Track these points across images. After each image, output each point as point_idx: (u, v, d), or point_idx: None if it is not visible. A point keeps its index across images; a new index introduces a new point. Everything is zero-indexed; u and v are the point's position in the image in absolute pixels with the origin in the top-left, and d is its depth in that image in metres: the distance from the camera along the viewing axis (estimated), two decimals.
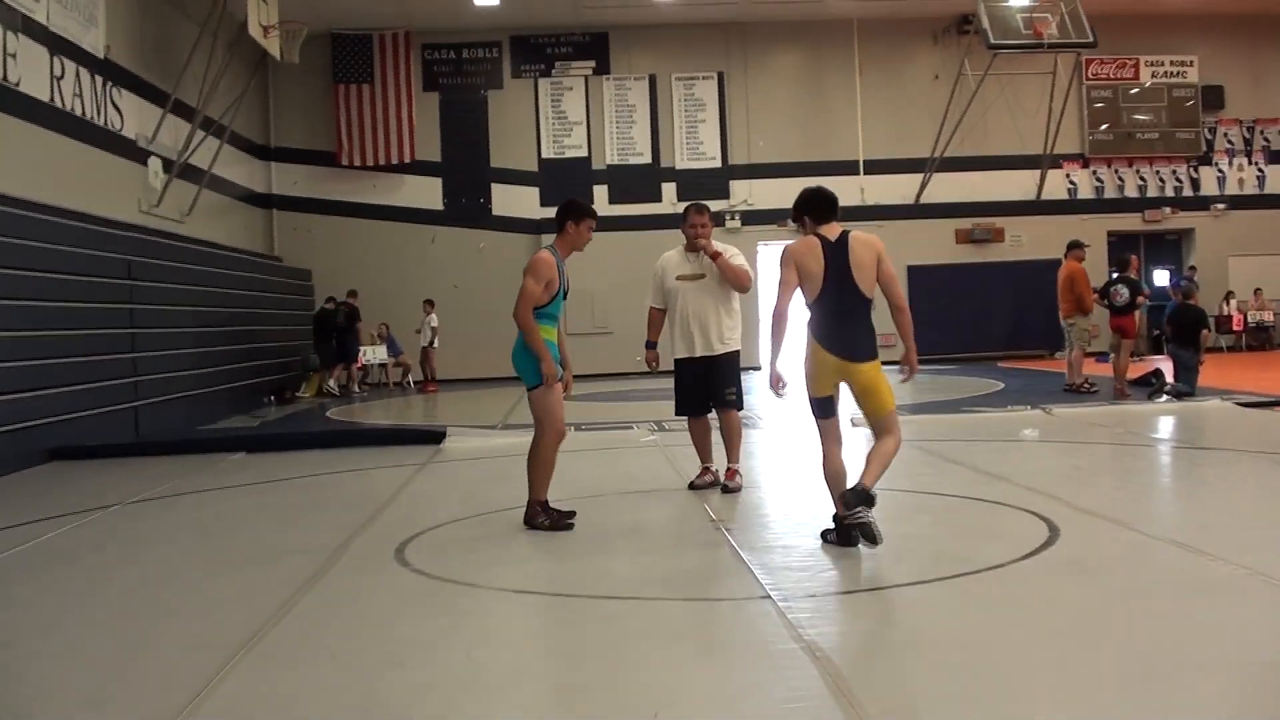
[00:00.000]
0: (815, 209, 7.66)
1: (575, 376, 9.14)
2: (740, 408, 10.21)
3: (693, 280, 10.08)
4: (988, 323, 28.98)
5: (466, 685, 5.04)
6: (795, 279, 7.43)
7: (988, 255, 29.52)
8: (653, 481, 10.71)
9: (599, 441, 14.17)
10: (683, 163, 29.11)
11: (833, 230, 7.53)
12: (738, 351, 10.14)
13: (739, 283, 10.06)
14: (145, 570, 7.76)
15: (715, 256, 9.95)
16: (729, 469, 10.10)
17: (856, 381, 7.41)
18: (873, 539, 7.00)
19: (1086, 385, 17.89)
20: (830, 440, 7.58)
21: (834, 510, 7.46)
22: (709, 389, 10.10)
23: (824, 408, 7.53)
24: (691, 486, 10.17)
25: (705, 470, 10.29)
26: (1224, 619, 5.63)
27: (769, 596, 6.22)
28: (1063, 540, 7.39)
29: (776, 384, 7.73)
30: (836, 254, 7.39)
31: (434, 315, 25.90)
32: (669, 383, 10.49)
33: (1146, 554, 7.02)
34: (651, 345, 10.36)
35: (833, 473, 7.51)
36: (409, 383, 26.20)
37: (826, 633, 5.52)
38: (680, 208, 26.82)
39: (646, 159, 29.04)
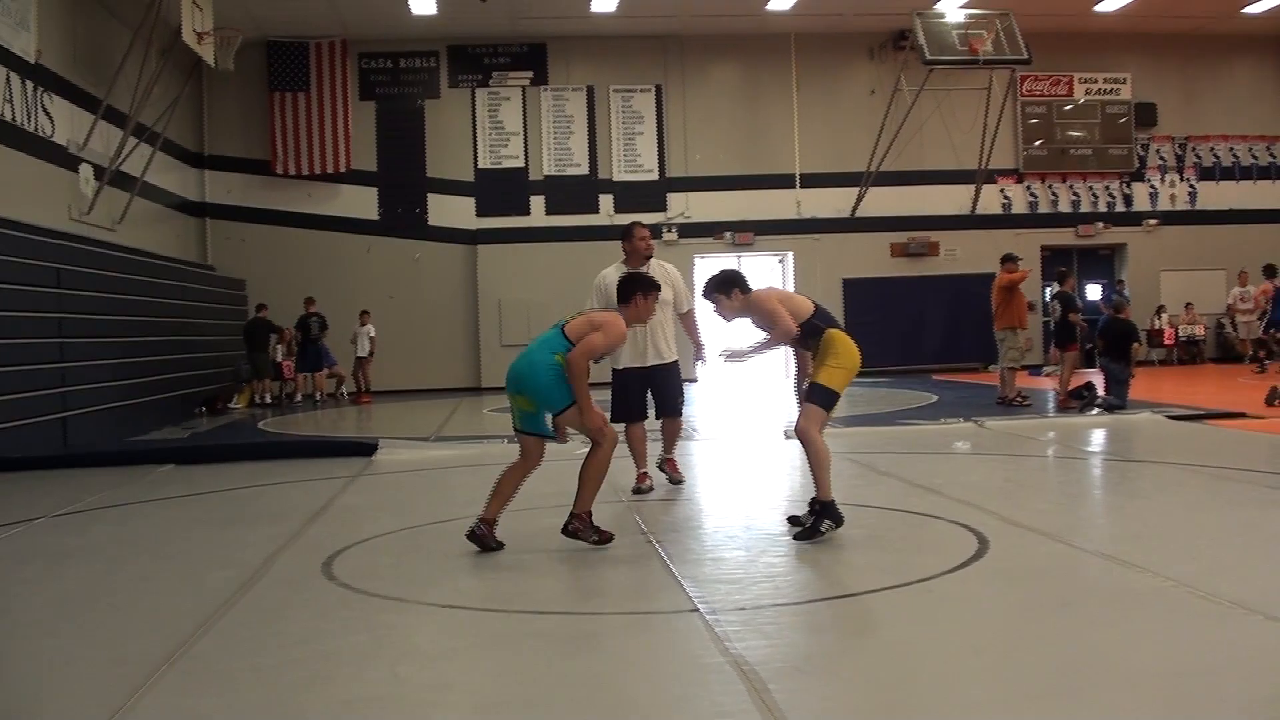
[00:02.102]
0: (744, 281, 8.53)
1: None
2: (681, 414, 10.91)
3: None
4: (922, 336, 29.24)
5: (391, 702, 4.96)
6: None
7: (923, 269, 29.74)
8: None
9: None
10: (620, 174, 29.14)
11: None
12: (678, 361, 10.79)
13: (693, 331, 11.08)
14: (68, 585, 7.60)
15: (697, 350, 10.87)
16: (669, 459, 10.86)
17: None
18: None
19: (1019, 398, 18.05)
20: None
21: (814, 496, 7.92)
22: (657, 396, 10.72)
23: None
24: (636, 491, 10.44)
25: (644, 475, 10.68)
26: (1150, 630, 5.65)
27: (697, 610, 6.19)
28: (992, 552, 7.41)
29: (734, 357, 8.45)
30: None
31: (370, 326, 25.76)
32: (604, 395, 10.43)
33: (1075, 566, 7.05)
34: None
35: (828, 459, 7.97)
36: (343, 394, 26.02)
37: (754, 646, 5.48)
38: (617, 219, 27.12)
39: (584, 170, 29.05)
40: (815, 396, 7.92)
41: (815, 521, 7.81)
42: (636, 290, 8.42)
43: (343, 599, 6.85)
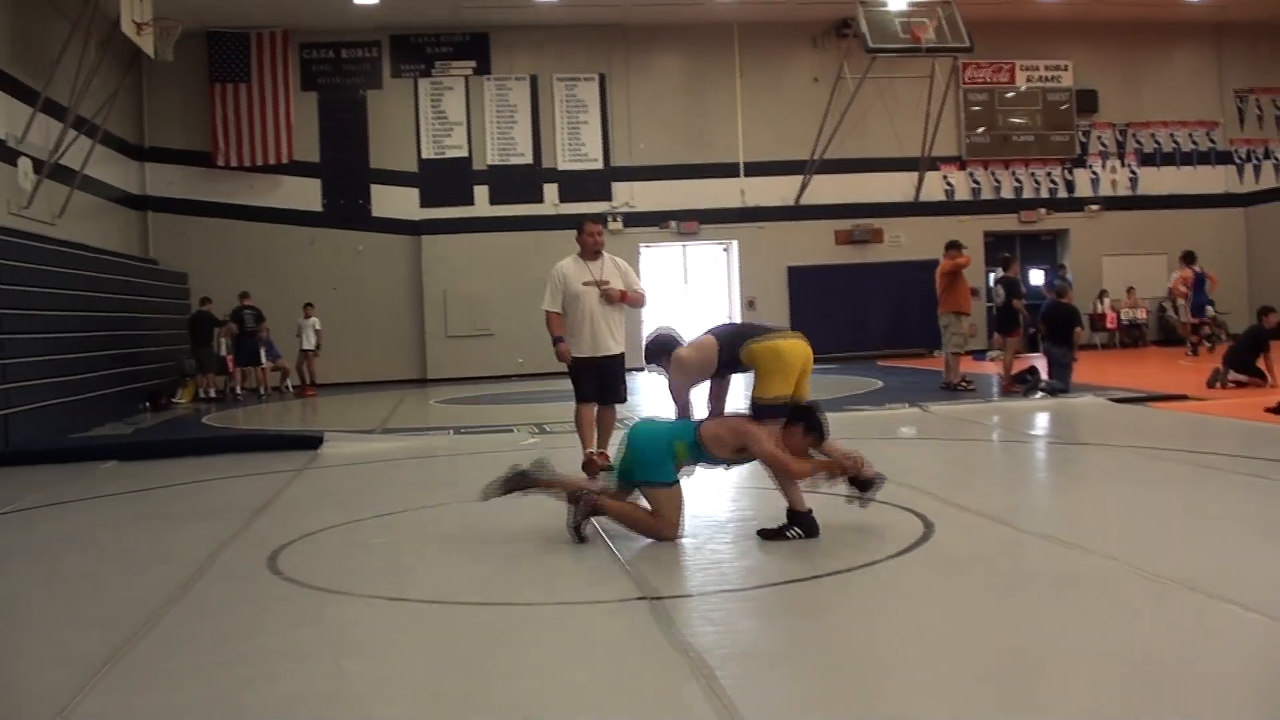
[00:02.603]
0: (673, 343, 8.32)
1: (460, 379, 9.07)
2: (623, 402, 11.47)
3: (596, 286, 11.04)
4: (868, 322, 29.30)
5: (336, 697, 4.95)
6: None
7: (867, 256, 29.84)
8: None
9: (479, 444, 14.09)
10: (564, 164, 29.06)
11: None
12: (624, 354, 11.34)
13: (640, 305, 11.46)
14: (10, 584, 7.55)
15: (624, 297, 11.12)
16: (601, 453, 11.04)
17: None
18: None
19: (964, 383, 18.16)
20: None
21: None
22: (604, 386, 11.16)
23: None
24: (586, 468, 10.72)
25: (592, 455, 11.11)
26: (1094, 611, 5.72)
27: (644, 598, 6.22)
28: (937, 536, 7.48)
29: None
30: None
31: (314, 318, 25.57)
32: (550, 385, 10.52)
33: (1019, 548, 7.11)
34: (561, 339, 11.12)
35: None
36: (287, 387, 25.84)
37: (701, 633, 5.52)
38: (562, 209, 27.10)
39: (528, 159, 28.95)
40: (754, 415, 7.78)
41: (784, 526, 7.67)
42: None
43: (288, 593, 6.82)
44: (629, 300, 11.17)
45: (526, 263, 24.91)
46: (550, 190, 28.92)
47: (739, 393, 8.46)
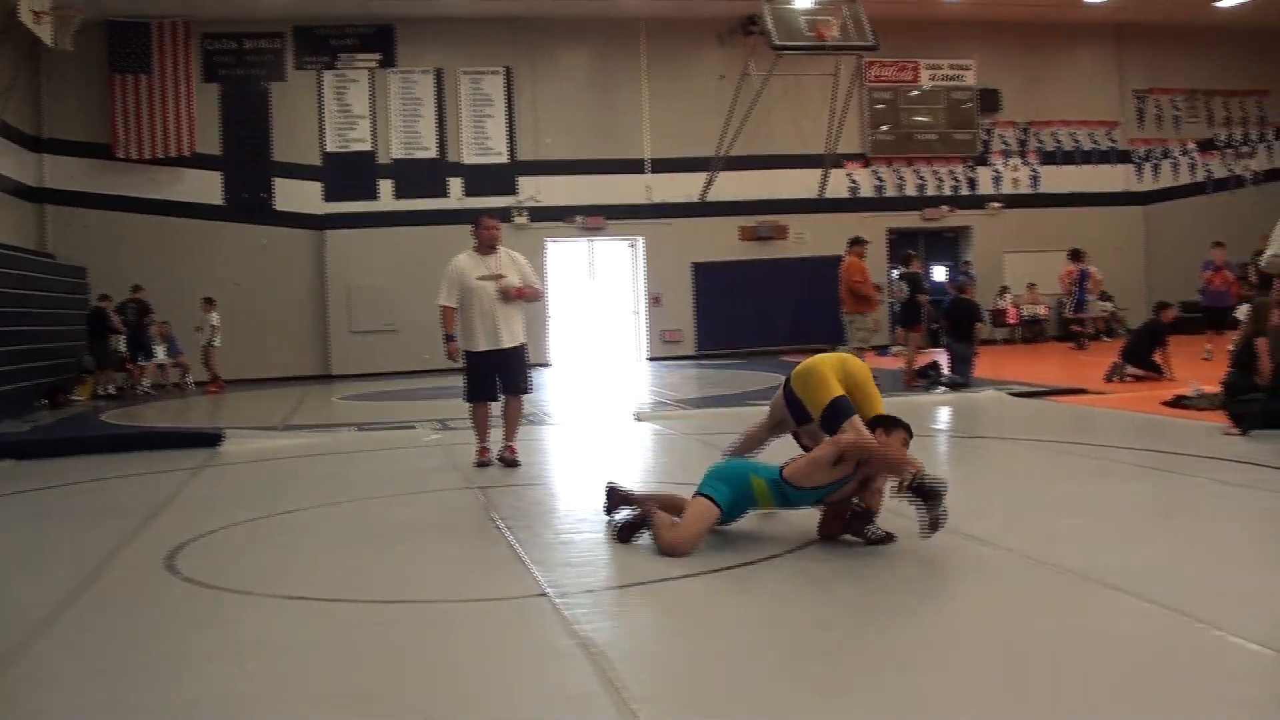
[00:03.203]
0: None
1: (365, 375, 9.03)
2: (528, 393, 11.60)
3: (492, 280, 11.09)
4: (773, 318, 29.45)
5: (238, 699, 4.91)
6: None
7: (772, 252, 29.98)
8: (434, 481, 10.62)
9: (382, 442, 14.03)
10: (469, 158, 28.92)
11: None
12: (526, 345, 11.45)
13: (536, 300, 11.73)
14: None
15: (519, 293, 11.23)
16: (509, 446, 11.33)
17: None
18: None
19: None
20: None
21: None
22: (505, 378, 11.29)
23: None
24: (479, 465, 11.20)
25: (485, 450, 11.43)
26: (995, 602, 5.84)
27: (546, 594, 6.24)
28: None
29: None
30: None
31: (214, 314, 25.17)
32: (455, 381, 10.50)
33: (917, 541, 7.14)
34: (452, 339, 11.16)
35: None
36: (189, 383, 25.50)
37: (602, 628, 5.55)
38: (467, 203, 27.05)
39: (432, 153, 28.76)
40: (827, 427, 7.65)
41: (869, 527, 7.24)
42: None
43: (188, 594, 6.75)
44: (525, 295, 11.25)
45: (431, 257, 24.37)
46: (455, 184, 28.76)
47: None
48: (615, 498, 7.82)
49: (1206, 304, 21.81)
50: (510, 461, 11.19)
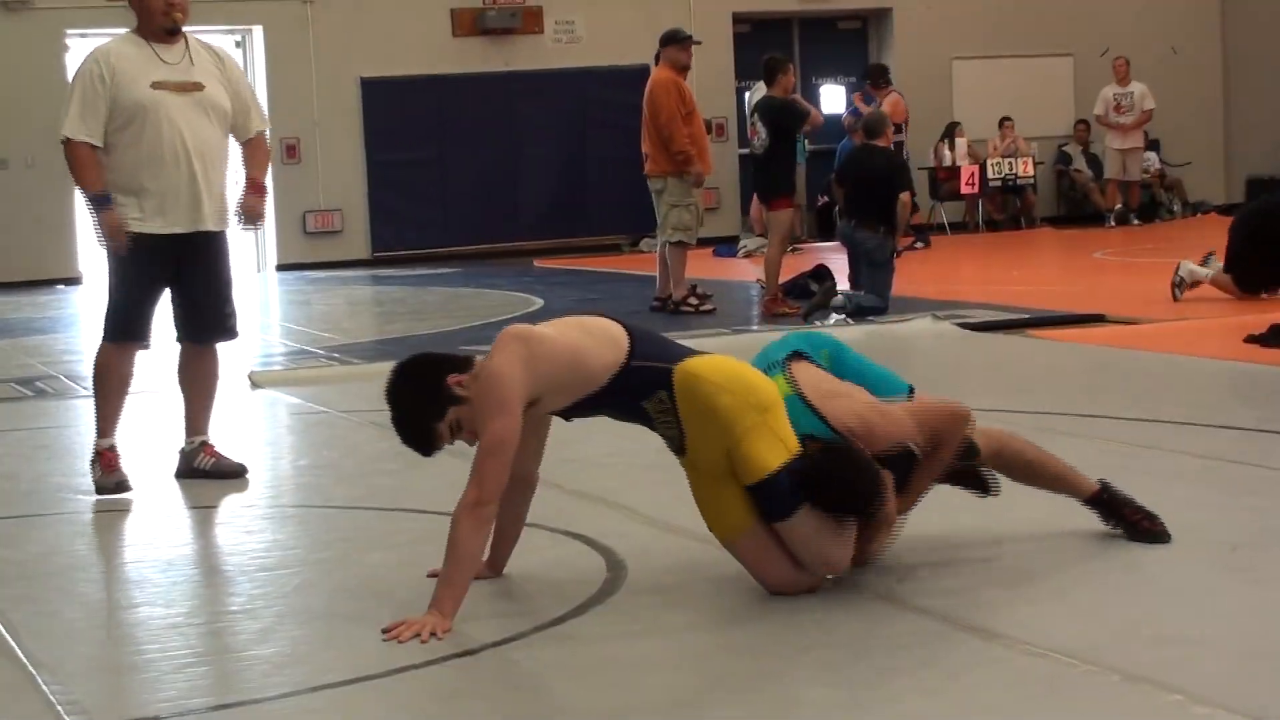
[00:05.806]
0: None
1: None
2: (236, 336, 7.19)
3: (182, 92, 6.46)
4: (515, 190, 20.52)
5: None
6: None
7: (514, 59, 20.54)
8: None
9: None
10: None
11: None
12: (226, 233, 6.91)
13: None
14: None
15: (257, 189, 6.65)
16: (205, 444, 6.80)
17: None
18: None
19: (693, 299, 12.96)
20: None
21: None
22: (198, 300, 6.61)
23: None
24: (101, 490, 6.46)
25: (113, 451, 6.48)
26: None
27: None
28: (631, 578, 5.00)
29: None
30: None
31: None
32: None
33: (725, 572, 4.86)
34: (107, 200, 6.29)
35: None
36: None
37: None
38: None
39: None
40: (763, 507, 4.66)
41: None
42: None
43: None
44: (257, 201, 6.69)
45: None
46: None
47: None
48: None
49: None
50: (220, 470, 6.74)
